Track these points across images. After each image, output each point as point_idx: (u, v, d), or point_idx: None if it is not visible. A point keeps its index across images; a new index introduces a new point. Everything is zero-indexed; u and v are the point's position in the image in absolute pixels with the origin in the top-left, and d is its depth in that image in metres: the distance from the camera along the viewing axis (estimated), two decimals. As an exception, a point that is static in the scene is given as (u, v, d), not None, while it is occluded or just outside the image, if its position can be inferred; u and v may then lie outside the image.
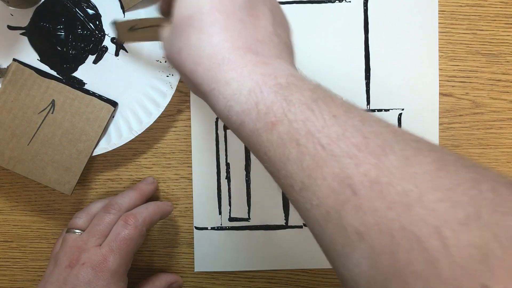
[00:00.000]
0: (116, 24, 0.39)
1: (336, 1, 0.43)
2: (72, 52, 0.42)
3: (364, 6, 0.43)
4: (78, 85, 0.42)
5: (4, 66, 0.41)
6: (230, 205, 0.44)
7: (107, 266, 0.36)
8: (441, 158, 0.22)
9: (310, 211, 0.23)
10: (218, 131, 0.44)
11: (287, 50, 0.30)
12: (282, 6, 0.43)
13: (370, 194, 0.21)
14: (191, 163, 0.44)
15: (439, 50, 0.43)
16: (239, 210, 0.44)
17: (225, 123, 0.29)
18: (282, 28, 0.31)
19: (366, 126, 0.23)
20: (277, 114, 0.25)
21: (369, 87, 0.43)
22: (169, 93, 0.41)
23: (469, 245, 0.18)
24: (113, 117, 0.42)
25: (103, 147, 0.41)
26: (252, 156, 0.44)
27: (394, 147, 0.22)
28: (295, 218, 0.44)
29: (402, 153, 0.22)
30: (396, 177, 0.21)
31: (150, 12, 0.41)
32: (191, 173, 0.44)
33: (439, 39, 0.43)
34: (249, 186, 0.44)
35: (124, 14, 0.42)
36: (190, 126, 0.44)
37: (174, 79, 0.41)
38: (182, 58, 0.29)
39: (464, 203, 0.19)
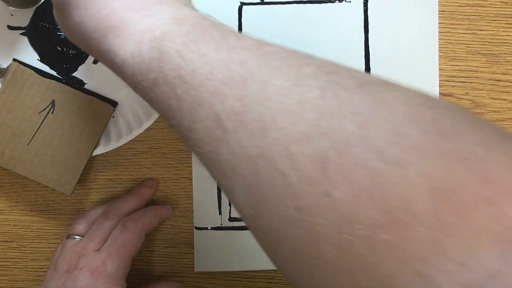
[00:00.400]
0: None
1: (336, 1, 0.43)
2: (72, 52, 0.42)
3: (364, 6, 0.43)
4: (78, 85, 0.42)
5: (4, 66, 0.41)
6: (230, 205, 0.44)
7: (105, 270, 0.36)
8: (297, 74, 0.22)
9: (199, 156, 0.24)
10: (218, 131, 0.44)
11: None
12: (283, 6, 0.43)
13: (235, 127, 0.21)
14: (191, 163, 0.44)
15: (439, 50, 0.43)
16: (239, 210, 0.44)
17: (120, 77, 0.27)
18: None
19: (232, 57, 0.23)
20: (155, 70, 0.24)
21: (369, 87, 0.43)
22: (169, 93, 0.41)
23: (311, 156, 0.19)
24: (113, 117, 0.42)
25: (103, 147, 0.41)
26: (252, 156, 0.44)
27: (254, 74, 0.22)
28: (295, 218, 0.44)
29: (260, 78, 0.22)
30: (253, 103, 0.21)
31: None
32: (191, 173, 0.44)
33: (439, 39, 0.43)
34: (249, 186, 0.44)
35: (124, 14, 0.42)
36: (190, 126, 0.44)
37: (174, 79, 0.41)
38: (74, 36, 0.29)
39: (308, 116, 0.20)
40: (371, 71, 0.43)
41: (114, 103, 0.42)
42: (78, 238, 0.39)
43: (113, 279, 0.36)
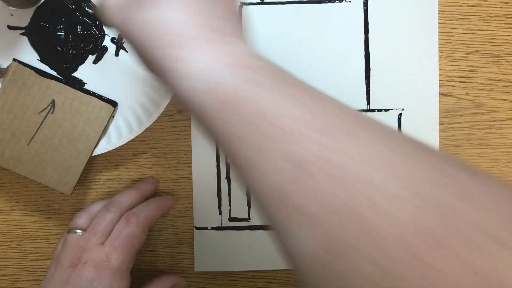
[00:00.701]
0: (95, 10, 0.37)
1: (336, 1, 0.43)
2: (72, 52, 0.42)
3: (364, 6, 0.43)
4: (78, 85, 0.42)
5: (4, 66, 0.41)
6: (230, 205, 0.44)
7: (110, 264, 0.36)
8: (383, 133, 0.22)
9: (258, 189, 0.23)
10: (218, 131, 0.44)
11: (239, 25, 0.29)
12: (283, 6, 0.43)
13: (312, 171, 0.21)
14: (191, 163, 0.44)
15: (439, 50, 0.43)
16: (239, 210, 0.44)
17: (180, 102, 0.27)
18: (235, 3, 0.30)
19: (314, 103, 0.23)
20: (229, 92, 0.24)
21: (369, 87, 0.43)
22: (170, 93, 0.41)
23: (414, 223, 0.18)
24: (113, 117, 0.42)
25: (103, 147, 0.41)
26: (252, 156, 0.44)
27: (338, 124, 0.22)
28: (295, 218, 0.44)
29: (346, 129, 0.22)
30: (337, 152, 0.21)
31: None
32: (191, 173, 0.44)
33: (439, 39, 0.43)
34: (249, 186, 0.44)
35: (124, 14, 0.42)
36: (190, 126, 0.44)
37: (174, 79, 0.41)
38: (137, 32, 0.27)
39: (402, 178, 0.19)
40: (371, 71, 0.43)
41: (114, 103, 0.42)
42: (79, 232, 0.39)
43: (118, 273, 0.36)
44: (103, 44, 0.42)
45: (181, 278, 0.44)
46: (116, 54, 0.42)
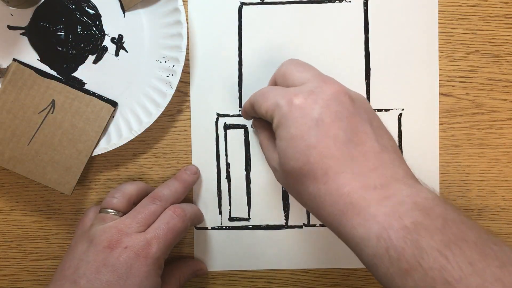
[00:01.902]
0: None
1: (336, 1, 0.43)
2: (72, 52, 0.42)
3: (364, 6, 0.43)
4: (78, 85, 0.42)
5: (4, 66, 0.41)
6: (230, 205, 0.44)
7: (150, 252, 0.35)
8: None
9: None
10: (218, 131, 0.44)
11: (395, 155, 0.31)
12: (283, 6, 0.43)
13: None
14: (191, 163, 0.44)
15: (439, 50, 0.43)
16: (239, 210, 0.44)
17: (357, 255, 0.29)
18: (382, 132, 0.32)
19: (506, 274, 0.23)
20: (410, 261, 0.25)
21: (369, 87, 0.43)
22: (169, 93, 0.41)
23: None
24: (113, 117, 0.42)
25: (103, 147, 0.41)
26: (252, 156, 0.44)
27: None
28: (295, 218, 0.44)
29: None
30: None
31: (150, 12, 0.41)
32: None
33: (439, 39, 0.43)
34: (249, 186, 0.44)
35: (124, 14, 0.42)
36: (190, 126, 0.44)
37: (174, 79, 0.41)
38: (303, 201, 0.31)
39: None
40: (371, 71, 0.43)
41: (114, 103, 0.42)
42: (112, 212, 0.38)
43: (156, 262, 0.36)
44: (103, 44, 0.42)
45: (204, 264, 0.44)
46: (116, 54, 0.42)
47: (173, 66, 0.41)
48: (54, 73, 0.42)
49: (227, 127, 0.44)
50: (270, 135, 0.36)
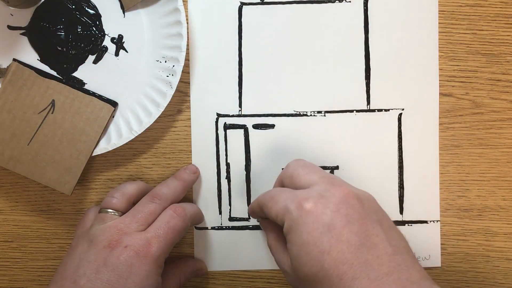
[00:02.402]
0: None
1: (336, 1, 0.43)
2: (72, 52, 0.42)
3: (364, 6, 0.43)
4: (78, 85, 0.42)
5: (4, 66, 0.41)
6: (230, 205, 0.44)
7: (151, 251, 0.35)
8: None
9: None
10: (218, 131, 0.44)
11: (408, 256, 0.31)
12: (283, 6, 0.43)
13: None
14: (191, 163, 0.44)
15: (439, 50, 0.43)
16: (239, 210, 0.44)
17: None
18: (393, 232, 0.32)
19: None
20: None
21: (369, 87, 0.43)
22: (169, 93, 0.41)
23: None
24: (113, 117, 0.42)
25: (103, 147, 0.41)
26: (252, 156, 0.44)
27: None
28: (295, 218, 0.44)
29: None
30: None
31: (150, 12, 0.41)
32: (191, 173, 0.44)
33: (439, 39, 0.43)
34: (249, 186, 0.44)
35: (124, 14, 0.42)
36: (190, 126, 0.44)
37: (174, 79, 0.41)
38: None
39: None
40: (371, 71, 0.43)
41: (114, 103, 0.42)
42: (112, 212, 0.38)
43: (156, 261, 0.36)
44: (103, 44, 0.42)
45: (204, 264, 0.44)
46: (116, 54, 0.42)
47: (173, 66, 0.41)
48: (54, 73, 0.42)
49: (227, 127, 0.44)
50: (279, 237, 0.36)
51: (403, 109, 0.43)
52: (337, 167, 0.44)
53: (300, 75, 0.43)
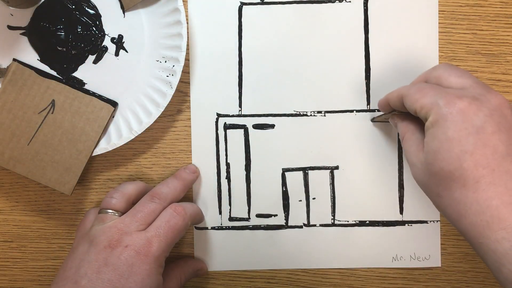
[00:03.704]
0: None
1: (336, 1, 0.43)
2: (72, 52, 0.42)
3: (364, 6, 0.43)
4: (78, 85, 0.42)
5: (4, 66, 0.41)
6: (230, 205, 0.44)
7: (151, 251, 0.35)
8: None
9: None
10: (218, 131, 0.44)
11: None
12: (283, 6, 0.43)
13: None
14: (191, 163, 0.44)
15: (439, 50, 0.43)
16: (239, 210, 0.44)
17: (493, 272, 0.30)
18: None
19: None
20: None
21: (369, 87, 0.43)
22: (169, 93, 0.41)
23: None
24: (113, 117, 0.42)
25: (103, 147, 0.41)
26: (252, 156, 0.44)
27: None
28: (295, 218, 0.44)
29: None
30: None
31: (150, 12, 0.41)
32: (191, 173, 0.44)
33: (439, 39, 0.43)
34: (249, 186, 0.44)
35: (124, 14, 0.42)
36: (190, 126, 0.44)
37: (174, 79, 0.41)
38: (443, 204, 0.31)
39: None
40: (371, 71, 0.43)
41: (114, 103, 0.42)
42: (111, 212, 0.38)
43: (157, 260, 0.36)
44: (103, 44, 0.42)
45: (204, 264, 0.44)
46: (116, 54, 0.42)
47: (173, 66, 0.41)
48: (54, 73, 0.42)
49: (227, 127, 0.44)
50: (416, 130, 0.35)
51: (403, 109, 0.43)
52: (337, 167, 0.44)
53: (300, 75, 0.43)
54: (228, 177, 0.44)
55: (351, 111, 0.43)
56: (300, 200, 0.44)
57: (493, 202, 0.29)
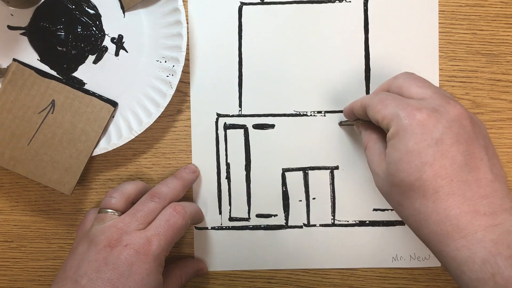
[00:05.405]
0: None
1: (336, 1, 0.43)
2: (72, 52, 0.42)
3: (364, 6, 0.43)
4: (78, 85, 0.42)
5: (4, 66, 0.41)
6: (230, 205, 0.44)
7: (151, 250, 0.35)
8: None
9: None
10: (218, 131, 0.44)
11: (505, 186, 0.31)
12: (283, 6, 0.43)
13: None
14: (191, 163, 0.44)
15: (439, 50, 0.43)
16: (239, 210, 0.44)
17: (454, 278, 0.31)
18: (496, 161, 0.32)
19: None
20: (509, 280, 0.26)
21: (369, 87, 0.43)
22: (169, 93, 0.41)
23: None
24: (113, 117, 0.42)
25: (103, 147, 0.41)
26: (252, 156, 0.44)
27: None
28: (295, 218, 0.44)
29: None
30: None
31: (150, 12, 0.41)
32: (191, 173, 0.44)
33: (439, 39, 0.43)
34: (249, 186, 0.44)
35: (124, 14, 0.42)
36: (190, 126, 0.44)
37: (174, 79, 0.41)
38: (404, 214, 0.32)
39: None
40: (371, 71, 0.43)
41: (114, 103, 0.42)
42: (111, 212, 0.38)
43: (157, 259, 0.36)
44: (103, 44, 0.42)
45: (204, 264, 0.44)
46: (116, 54, 0.42)
47: (173, 66, 0.41)
48: (54, 73, 0.42)
49: (227, 127, 0.44)
50: (378, 140, 0.36)
51: (403, 109, 0.43)
52: (337, 167, 0.44)
53: (300, 75, 0.43)
54: (228, 177, 0.44)
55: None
56: (300, 200, 0.44)
57: (452, 211, 0.29)
